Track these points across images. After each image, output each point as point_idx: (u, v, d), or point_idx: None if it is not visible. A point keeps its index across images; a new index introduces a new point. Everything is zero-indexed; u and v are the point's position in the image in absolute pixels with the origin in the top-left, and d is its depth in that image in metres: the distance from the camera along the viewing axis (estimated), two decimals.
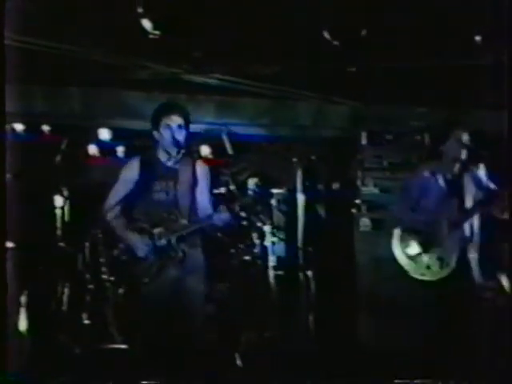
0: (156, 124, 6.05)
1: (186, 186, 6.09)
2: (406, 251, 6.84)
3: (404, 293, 7.60)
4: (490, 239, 6.91)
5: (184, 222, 5.96)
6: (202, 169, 6.19)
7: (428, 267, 6.69)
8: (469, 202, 6.71)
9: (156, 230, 5.88)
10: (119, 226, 5.95)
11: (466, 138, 6.69)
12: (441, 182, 6.78)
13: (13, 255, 8.14)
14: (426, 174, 6.92)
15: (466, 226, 6.70)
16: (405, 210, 6.91)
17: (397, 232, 6.93)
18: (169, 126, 5.97)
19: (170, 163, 6.07)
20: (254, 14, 7.21)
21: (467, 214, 6.66)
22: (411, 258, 6.78)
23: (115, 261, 5.97)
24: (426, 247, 6.73)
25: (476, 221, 6.73)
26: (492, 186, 6.75)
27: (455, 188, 6.76)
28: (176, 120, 6.01)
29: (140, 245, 5.86)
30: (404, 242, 6.88)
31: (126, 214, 6.00)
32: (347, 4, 7.14)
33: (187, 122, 6.07)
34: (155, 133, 6.06)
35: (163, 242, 5.88)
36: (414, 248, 6.78)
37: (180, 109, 6.16)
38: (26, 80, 8.31)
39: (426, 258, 6.71)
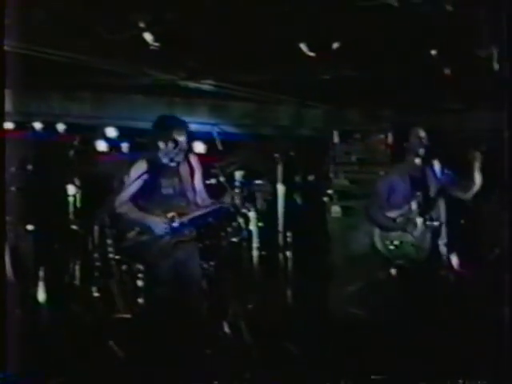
0: (164, 137, 6.07)
1: (188, 179, 6.15)
2: (387, 245, 6.84)
3: (369, 268, 7.66)
4: (456, 220, 6.98)
5: (193, 207, 6.03)
6: (195, 160, 6.24)
7: (406, 255, 6.71)
8: (432, 191, 6.73)
9: (169, 215, 5.94)
10: (135, 213, 5.97)
11: (423, 134, 6.72)
12: (406, 178, 6.79)
13: (32, 236, 8.25)
14: (393, 174, 6.95)
15: (434, 213, 6.73)
16: (376, 210, 6.89)
17: (376, 231, 6.94)
18: (176, 141, 6.03)
19: (172, 164, 6.12)
20: (241, 29, 7.22)
21: (433, 201, 6.69)
22: (392, 249, 6.78)
23: (126, 242, 6.00)
24: (402, 238, 6.75)
25: (442, 206, 6.77)
26: (450, 173, 6.80)
27: (419, 181, 6.77)
28: (182, 135, 6.07)
29: (158, 225, 5.90)
30: (384, 237, 6.88)
31: (139, 205, 6.03)
32: (321, 20, 7.15)
33: (189, 135, 6.15)
34: (161, 143, 6.09)
35: (176, 224, 5.93)
36: (393, 241, 6.76)
37: (184, 125, 6.21)
38: (44, 85, 8.41)
39: (404, 248, 6.73)
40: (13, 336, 4.91)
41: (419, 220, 6.65)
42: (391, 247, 6.72)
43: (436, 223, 6.66)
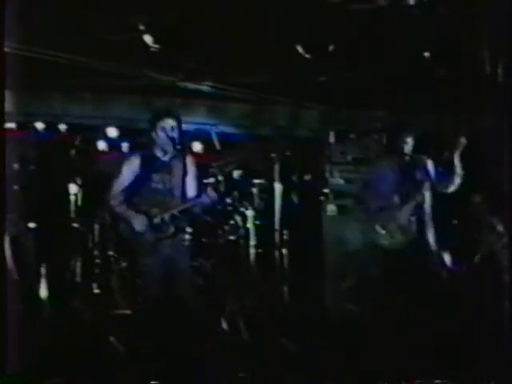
0: (153, 126, 6.11)
1: (179, 177, 6.14)
2: (375, 231, 6.88)
3: (363, 266, 7.70)
4: (438, 212, 7.04)
5: (176, 202, 6.04)
6: (190, 161, 6.24)
7: (392, 241, 6.78)
8: (420, 184, 6.82)
9: (152, 210, 5.91)
10: (122, 209, 5.99)
11: (410, 139, 6.85)
12: (395, 169, 6.88)
13: (34, 234, 8.28)
14: (383, 165, 7.06)
15: (418, 202, 6.83)
16: (368, 197, 7.00)
17: (365, 218, 6.99)
18: (164, 128, 6.02)
19: (165, 158, 6.10)
20: (239, 32, 7.25)
21: (420, 193, 6.79)
22: (380, 234, 6.84)
23: (118, 239, 6.01)
24: (389, 224, 6.83)
25: (428, 200, 6.86)
26: (434, 171, 6.92)
27: (408, 173, 6.86)
28: (169, 122, 6.05)
29: (137, 221, 5.90)
30: (372, 223, 6.91)
31: (128, 200, 6.02)
32: (318, 24, 7.18)
33: (179, 124, 6.14)
34: (153, 133, 6.12)
35: (157, 220, 5.93)
36: (381, 227, 6.85)
37: (172, 113, 6.22)
38: (46, 87, 8.43)
39: (390, 233, 6.81)
40: (14, 334, 4.91)
41: (406, 207, 6.75)
42: (380, 232, 6.80)
43: (422, 213, 6.78)
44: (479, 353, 5.93)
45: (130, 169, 6.10)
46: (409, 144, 6.90)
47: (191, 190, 6.20)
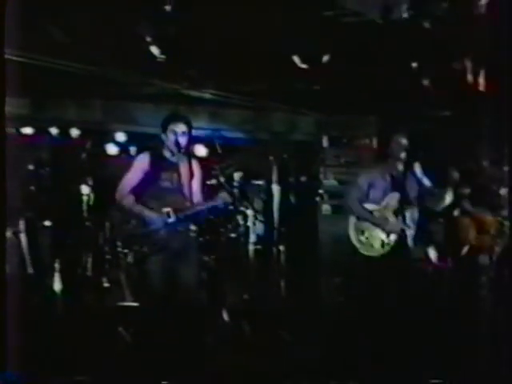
0: (164, 128, 6.15)
1: (186, 178, 6.16)
2: (358, 235, 6.79)
3: (355, 263, 7.77)
4: (424, 224, 6.99)
5: (188, 204, 6.12)
6: (196, 165, 6.25)
7: (372, 246, 6.56)
8: (410, 195, 6.60)
9: (165, 210, 5.90)
10: (134, 205, 5.97)
11: (404, 141, 6.51)
12: (386, 177, 6.60)
13: (49, 231, 8.45)
14: (374, 171, 6.94)
15: (406, 214, 6.71)
16: (355, 200, 6.85)
17: (352, 220, 6.91)
18: (174, 132, 5.94)
19: (173, 159, 6.13)
20: (239, 43, 7.34)
21: (407, 205, 6.67)
22: (361, 240, 6.76)
23: (128, 235, 6.01)
24: (372, 232, 6.78)
25: (415, 211, 6.75)
26: (428, 183, 6.74)
27: (398, 182, 6.58)
28: (181, 127, 5.98)
29: (155, 219, 5.92)
30: (357, 227, 6.84)
31: (138, 196, 6.03)
32: (313, 35, 7.28)
33: (190, 130, 6.10)
34: (163, 135, 6.12)
35: (172, 219, 5.94)
36: (364, 232, 6.74)
37: (185, 119, 6.17)
38: (59, 94, 8.56)
39: (372, 241, 6.66)
40: (23, 325, 4.98)
41: (392, 218, 6.56)
42: (361, 238, 6.70)
43: (407, 225, 6.68)
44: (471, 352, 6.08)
45: (140, 166, 6.10)
46: (398, 151, 6.72)
47: (197, 190, 6.24)
